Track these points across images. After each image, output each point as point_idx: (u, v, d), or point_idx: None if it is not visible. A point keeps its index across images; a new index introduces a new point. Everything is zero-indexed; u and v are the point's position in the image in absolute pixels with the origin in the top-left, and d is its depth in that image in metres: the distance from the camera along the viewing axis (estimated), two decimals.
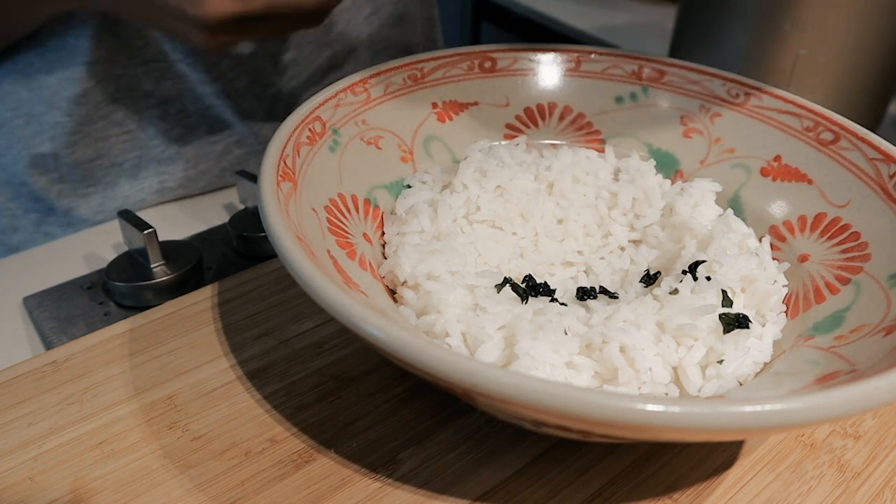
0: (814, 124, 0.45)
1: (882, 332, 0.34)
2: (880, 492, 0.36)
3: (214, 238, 0.55)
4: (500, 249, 0.43)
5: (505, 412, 0.31)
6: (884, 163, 0.41)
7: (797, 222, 0.44)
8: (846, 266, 0.40)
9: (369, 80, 0.47)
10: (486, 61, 0.51)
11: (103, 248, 0.57)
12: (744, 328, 0.36)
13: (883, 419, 0.40)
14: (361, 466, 0.36)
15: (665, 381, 0.35)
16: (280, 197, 0.36)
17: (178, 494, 0.34)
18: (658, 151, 0.51)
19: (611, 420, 0.25)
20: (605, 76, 0.52)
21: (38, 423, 0.37)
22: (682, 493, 0.35)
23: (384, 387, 0.40)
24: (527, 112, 0.52)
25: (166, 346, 0.42)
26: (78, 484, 0.34)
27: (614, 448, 0.37)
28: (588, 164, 0.48)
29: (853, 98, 0.64)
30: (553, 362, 0.33)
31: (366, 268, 0.39)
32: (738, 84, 0.49)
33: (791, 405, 0.26)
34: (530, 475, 0.36)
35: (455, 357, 0.27)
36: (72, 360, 0.41)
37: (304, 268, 0.31)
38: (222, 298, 0.45)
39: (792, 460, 0.37)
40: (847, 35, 0.60)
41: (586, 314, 0.38)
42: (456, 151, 0.50)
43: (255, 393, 0.39)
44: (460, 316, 0.37)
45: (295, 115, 0.42)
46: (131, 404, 0.38)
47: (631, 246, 0.45)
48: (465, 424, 0.38)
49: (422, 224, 0.43)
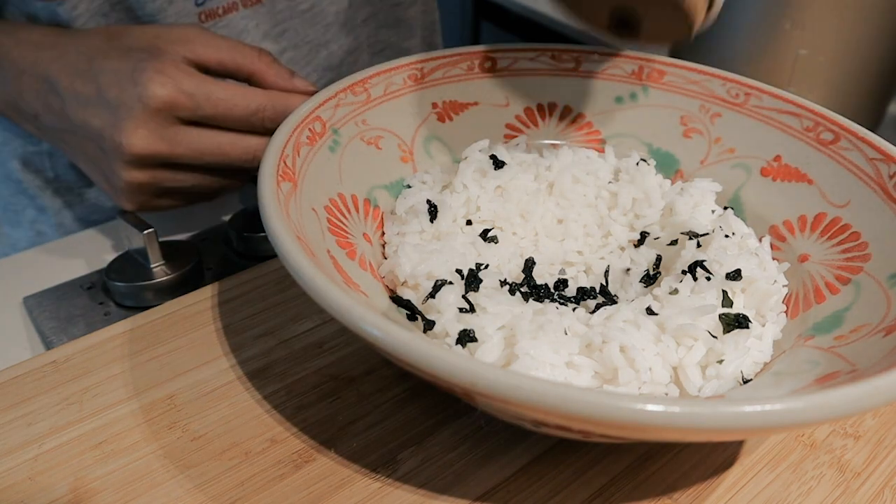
0: (814, 124, 0.45)
1: (882, 332, 0.34)
2: (880, 492, 0.36)
3: (214, 238, 0.55)
4: (500, 249, 0.43)
5: (505, 412, 0.31)
6: (884, 163, 0.41)
7: (797, 222, 0.44)
8: (846, 266, 0.40)
9: (369, 80, 0.47)
10: (486, 61, 0.51)
11: (103, 248, 0.57)
12: (744, 328, 0.36)
13: (883, 419, 0.40)
14: (361, 466, 0.36)
15: (665, 381, 0.35)
16: (280, 197, 0.36)
17: (178, 494, 0.34)
18: (658, 151, 0.51)
19: (611, 420, 0.25)
20: (605, 76, 0.52)
21: (38, 423, 0.37)
22: (682, 493, 0.35)
23: (384, 387, 0.40)
24: (527, 112, 0.52)
25: (166, 346, 0.42)
26: (78, 484, 0.34)
27: (614, 448, 0.37)
28: (588, 164, 0.48)
29: (853, 98, 0.64)
30: (553, 362, 0.33)
31: (366, 268, 0.39)
32: (738, 84, 0.49)
33: (791, 405, 0.26)
34: (530, 475, 0.36)
35: (455, 357, 0.27)
36: (72, 360, 0.41)
37: (304, 268, 0.31)
38: (222, 298, 0.45)
39: (792, 460, 0.37)
40: (847, 35, 0.60)
41: (586, 314, 0.38)
42: (456, 151, 0.50)
43: (255, 393, 0.39)
44: (460, 316, 0.37)
45: (295, 115, 0.42)
46: (131, 404, 0.38)
47: (631, 246, 0.45)
48: (465, 424, 0.38)
49: (422, 224, 0.43)
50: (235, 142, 0.48)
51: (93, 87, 0.46)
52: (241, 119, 0.47)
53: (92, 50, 0.48)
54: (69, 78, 0.47)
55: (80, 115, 0.47)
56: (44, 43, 0.49)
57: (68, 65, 0.47)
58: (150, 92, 0.44)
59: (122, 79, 0.45)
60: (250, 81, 0.50)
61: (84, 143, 0.48)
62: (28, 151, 0.62)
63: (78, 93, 0.47)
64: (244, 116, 0.47)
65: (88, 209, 0.66)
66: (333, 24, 0.68)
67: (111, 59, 0.46)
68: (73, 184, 0.64)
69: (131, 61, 0.46)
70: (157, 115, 0.45)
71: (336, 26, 0.68)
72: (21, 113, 0.51)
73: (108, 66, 0.46)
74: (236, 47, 0.49)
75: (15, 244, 0.66)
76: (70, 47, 0.48)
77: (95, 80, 0.46)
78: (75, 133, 0.48)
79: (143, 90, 0.44)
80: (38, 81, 0.48)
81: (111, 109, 0.45)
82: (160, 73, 0.44)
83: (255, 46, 0.50)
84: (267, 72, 0.50)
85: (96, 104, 0.46)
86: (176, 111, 0.45)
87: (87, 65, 0.47)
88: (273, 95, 0.47)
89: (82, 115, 0.47)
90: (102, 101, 0.46)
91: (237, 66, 0.49)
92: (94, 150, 0.48)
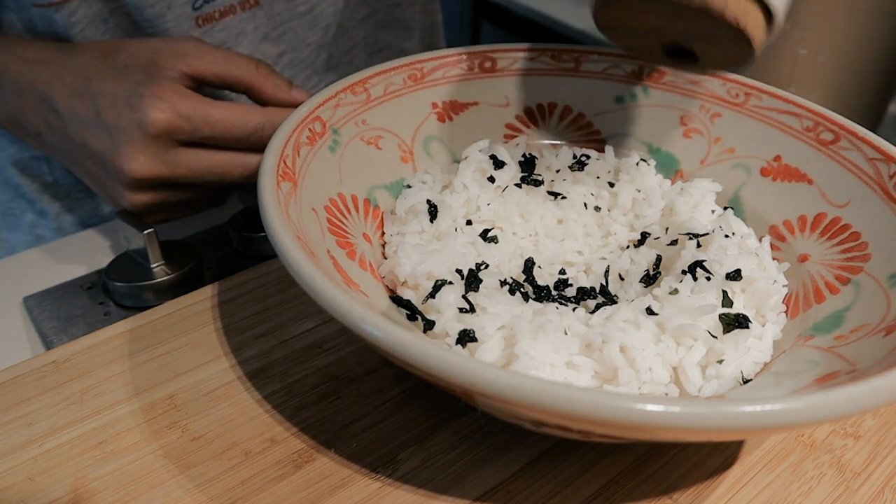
0: (814, 124, 0.45)
1: (882, 332, 0.34)
2: (880, 492, 0.36)
3: (214, 238, 0.55)
4: (500, 249, 0.43)
5: (505, 412, 0.31)
6: (884, 163, 0.41)
7: (797, 222, 0.44)
8: (846, 266, 0.40)
9: (369, 80, 0.47)
10: (486, 61, 0.51)
11: (103, 248, 0.57)
12: (744, 328, 0.36)
13: (883, 419, 0.40)
14: (361, 466, 0.36)
15: (665, 381, 0.35)
16: (280, 197, 0.36)
17: (178, 494, 0.34)
18: (658, 151, 0.51)
19: (611, 420, 0.25)
20: (605, 76, 0.52)
21: (38, 423, 0.37)
22: (682, 493, 0.35)
23: (384, 387, 0.40)
24: (527, 112, 0.52)
25: (166, 346, 0.42)
26: (78, 484, 0.34)
27: (614, 448, 0.37)
28: (588, 164, 0.48)
29: (853, 98, 0.64)
30: (553, 362, 0.33)
31: (366, 268, 0.39)
32: (738, 84, 0.49)
33: (791, 405, 0.26)
34: (530, 475, 0.36)
35: (455, 357, 0.27)
36: (72, 360, 0.41)
37: (304, 268, 0.31)
38: (222, 298, 0.45)
39: (792, 460, 0.37)
40: (847, 35, 0.60)
41: (586, 314, 0.38)
42: (456, 151, 0.50)
43: (255, 393, 0.39)
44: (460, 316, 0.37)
45: (295, 115, 0.42)
46: (131, 404, 0.38)
47: (631, 246, 0.45)
48: (465, 424, 0.38)
49: (422, 224, 0.43)
50: (235, 160, 0.48)
51: (91, 109, 0.46)
52: (240, 139, 0.47)
53: (88, 69, 0.47)
54: (67, 98, 0.47)
55: (80, 137, 0.47)
56: (41, 59, 0.49)
57: (65, 85, 0.47)
58: (148, 118, 0.44)
59: (120, 103, 0.45)
60: (248, 94, 0.50)
61: (87, 162, 0.48)
62: (26, 156, 0.62)
63: (77, 114, 0.46)
64: (243, 136, 0.47)
65: (87, 213, 0.66)
66: (332, 26, 0.68)
67: (108, 81, 0.46)
68: (72, 188, 0.64)
69: (128, 83, 0.45)
70: (157, 140, 0.45)
71: (334, 27, 0.68)
72: (23, 129, 0.51)
73: (106, 88, 0.46)
74: (233, 60, 0.49)
75: (13, 248, 0.66)
76: (66, 65, 0.48)
77: (93, 103, 0.46)
78: (79, 152, 0.48)
79: (142, 116, 0.44)
80: (38, 100, 0.48)
81: (110, 134, 0.45)
82: (158, 97, 0.44)
83: (253, 58, 0.50)
84: (265, 84, 0.50)
85: (95, 127, 0.46)
86: (175, 135, 0.45)
87: (84, 85, 0.47)
88: (271, 113, 0.47)
89: (82, 137, 0.47)
90: (101, 124, 0.46)
91: (235, 80, 0.49)
92: (97, 170, 0.48)
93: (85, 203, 0.65)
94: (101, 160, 0.46)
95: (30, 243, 0.65)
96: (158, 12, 0.56)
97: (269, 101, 0.50)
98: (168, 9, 0.56)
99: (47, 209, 0.65)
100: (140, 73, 0.46)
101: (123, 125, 0.45)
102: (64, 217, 0.66)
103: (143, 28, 0.57)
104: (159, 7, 0.56)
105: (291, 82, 0.51)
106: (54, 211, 0.65)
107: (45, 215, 0.65)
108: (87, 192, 0.65)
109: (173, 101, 0.45)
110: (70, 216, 0.66)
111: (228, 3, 0.59)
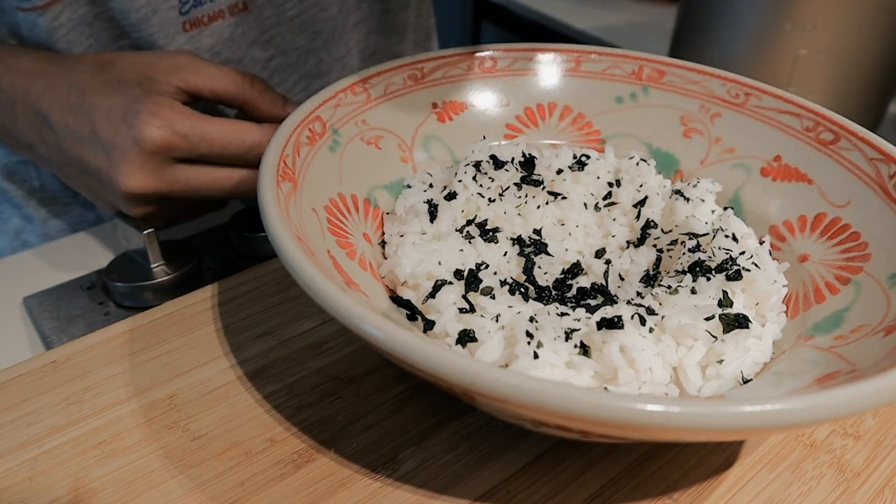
0: (814, 124, 0.45)
1: (882, 332, 0.34)
2: (880, 492, 0.36)
3: (214, 238, 0.55)
4: (500, 249, 0.43)
5: (505, 412, 0.31)
6: (884, 163, 0.41)
7: (797, 222, 0.44)
8: (846, 266, 0.40)
9: (369, 80, 0.47)
10: (486, 61, 0.51)
11: (103, 248, 0.57)
12: (744, 328, 0.36)
13: (883, 419, 0.40)
14: (361, 466, 0.36)
15: (665, 381, 0.35)
16: (280, 197, 0.36)
17: (178, 494, 0.34)
18: (658, 151, 0.51)
19: (611, 420, 0.25)
20: (605, 76, 0.52)
21: (38, 423, 0.37)
22: (682, 493, 0.35)
23: (384, 387, 0.40)
24: (527, 112, 0.52)
25: (166, 346, 0.42)
26: (78, 484, 0.34)
27: (614, 448, 0.37)
28: (588, 164, 0.48)
29: (853, 98, 0.64)
30: (553, 362, 0.33)
31: (366, 268, 0.39)
32: (738, 84, 0.49)
33: (791, 405, 0.26)
34: (530, 475, 0.36)
35: (455, 357, 0.27)
36: (72, 360, 0.41)
37: (304, 268, 0.31)
38: (222, 298, 0.45)
39: (792, 460, 0.37)
40: (847, 35, 0.60)
41: (586, 314, 0.38)
42: (456, 151, 0.50)
43: (255, 393, 0.39)
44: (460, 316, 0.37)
45: (295, 115, 0.42)
46: (131, 404, 0.38)
47: (631, 246, 0.45)
48: (465, 424, 0.38)
49: (422, 224, 0.43)
50: (231, 176, 0.48)
51: (87, 125, 0.46)
52: (237, 156, 0.47)
53: (83, 83, 0.47)
54: (61, 113, 0.46)
55: (74, 152, 0.47)
56: (34, 71, 0.49)
57: (59, 98, 0.47)
58: (144, 136, 0.44)
59: (116, 119, 0.45)
60: (243, 109, 0.50)
61: (83, 176, 0.48)
62: (12, 161, 0.62)
63: (71, 129, 0.46)
64: (239, 154, 0.47)
65: (74, 219, 0.66)
66: (323, 31, 0.67)
67: (103, 96, 0.46)
68: (59, 193, 0.64)
69: (123, 99, 0.45)
70: (153, 158, 0.45)
71: (325, 32, 0.68)
72: (16, 141, 0.51)
73: (101, 103, 0.45)
74: (229, 75, 0.49)
75: (1, 252, 0.65)
76: (61, 79, 0.48)
77: (89, 118, 0.45)
78: (74, 166, 0.48)
79: (138, 133, 0.44)
80: (31, 113, 0.48)
81: (106, 150, 0.45)
82: (154, 115, 0.44)
83: (248, 73, 0.50)
84: (260, 100, 0.50)
85: (91, 142, 0.46)
86: (171, 153, 0.45)
87: (79, 99, 0.46)
88: (267, 130, 0.47)
89: (77, 152, 0.46)
90: (97, 140, 0.45)
91: (230, 96, 0.49)
92: (94, 183, 0.48)
93: (72, 209, 0.65)
94: (97, 175, 0.46)
95: (15, 248, 0.65)
96: (143, 17, 0.55)
97: (263, 117, 0.50)
98: (153, 13, 0.55)
99: (33, 214, 0.64)
100: (135, 87, 0.46)
101: (119, 142, 0.44)
102: (50, 222, 0.65)
103: (129, 33, 0.56)
104: (144, 11, 0.55)
105: (286, 98, 0.51)
106: (41, 216, 0.64)
107: (32, 220, 0.64)
108: (74, 198, 0.64)
109: (170, 119, 0.44)
110: (57, 221, 0.65)
111: (217, 8, 0.58)
